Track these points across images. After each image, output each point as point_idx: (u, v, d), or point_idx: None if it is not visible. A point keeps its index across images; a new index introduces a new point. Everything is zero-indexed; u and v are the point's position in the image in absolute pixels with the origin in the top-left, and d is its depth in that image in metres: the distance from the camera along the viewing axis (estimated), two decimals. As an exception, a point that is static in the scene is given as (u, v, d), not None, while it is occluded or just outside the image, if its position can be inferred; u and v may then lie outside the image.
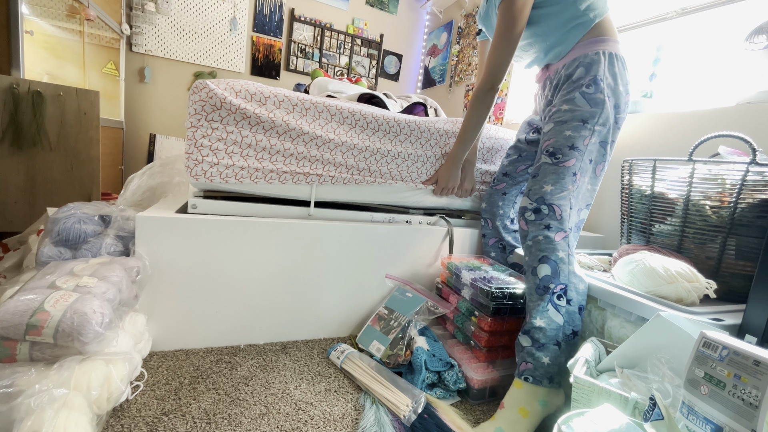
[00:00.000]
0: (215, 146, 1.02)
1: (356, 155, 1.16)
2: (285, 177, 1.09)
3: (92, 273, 0.82)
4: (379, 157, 1.19)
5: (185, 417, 0.78)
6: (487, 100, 1.09)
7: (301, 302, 1.14)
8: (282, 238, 1.08)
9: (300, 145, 1.10)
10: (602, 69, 0.96)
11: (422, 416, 0.84)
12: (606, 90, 0.95)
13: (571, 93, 0.97)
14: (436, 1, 3.46)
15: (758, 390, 0.45)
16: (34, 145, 1.64)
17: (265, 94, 1.06)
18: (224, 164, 1.03)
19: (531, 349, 0.86)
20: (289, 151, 1.09)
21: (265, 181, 1.07)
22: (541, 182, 0.94)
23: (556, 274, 0.87)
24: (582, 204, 1.00)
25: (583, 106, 0.95)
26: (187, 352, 1.02)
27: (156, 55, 2.88)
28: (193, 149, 1.00)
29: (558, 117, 0.98)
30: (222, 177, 1.03)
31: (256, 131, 1.05)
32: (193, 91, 0.99)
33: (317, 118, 1.12)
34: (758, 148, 0.85)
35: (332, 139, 1.12)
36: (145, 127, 2.98)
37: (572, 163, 0.93)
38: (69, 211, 0.98)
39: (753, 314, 0.68)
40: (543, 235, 0.91)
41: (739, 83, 1.35)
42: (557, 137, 0.96)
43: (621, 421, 0.53)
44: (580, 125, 0.94)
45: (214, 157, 1.02)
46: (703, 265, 0.90)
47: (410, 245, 1.25)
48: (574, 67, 0.99)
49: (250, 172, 1.06)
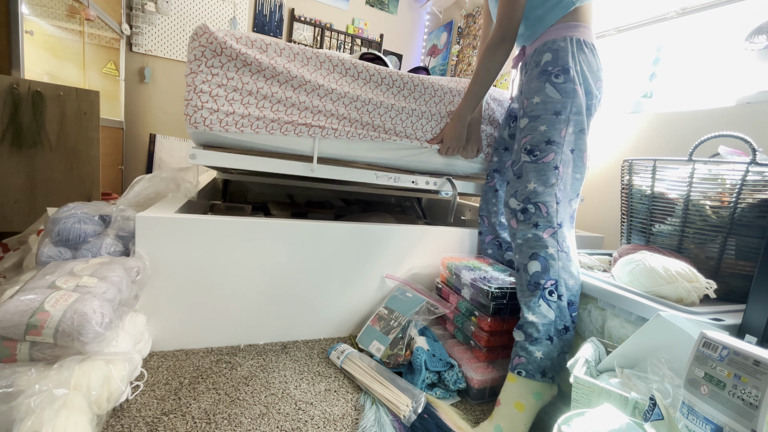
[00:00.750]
0: (215, 92, 0.98)
1: (359, 108, 1.13)
2: (287, 128, 1.06)
3: (92, 273, 0.82)
4: (382, 111, 1.16)
5: (185, 417, 0.78)
6: (498, 54, 1.04)
7: (301, 302, 1.14)
8: (282, 238, 1.08)
9: (302, 94, 1.07)
10: (569, 57, 0.96)
11: (422, 416, 0.84)
12: (575, 78, 0.96)
13: (542, 83, 0.98)
14: (436, 1, 3.46)
15: (758, 390, 0.45)
16: (34, 145, 1.64)
17: (266, 42, 1.03)
18: (224, 111, 0.99)
19: (524, 343, 0.88)
20: (290, 101, 1.05)
21: (266, 131, 1.04)
22: (525, 182, 0.96)
23: (546, 270, 0.89)
24: (572, 194, 1.00)
25: (554, 97, 0.96)
26: (187, 352, 1.02)
27: (156, 55, 2.88)
28: (193, 95, 0.97)
29: (531, 111, 0.99)
30: (222, 125, 0.99)
31: (257, 79, 1.02)
32: (193, 38, 0.96)
33: (318, 68, 1.09)
34: (758, 148, 0.85)
35: (334, 90, 1.09)
36: (145, 127, 2.98)
37: (551, 158, 0.94)
38: (69, 211, 0.98)
39: (753, 314, 0.68)
40: (532, 233, 0.93)
41: (739, 83, 1.35)
42: (533, 133, 0.97)
43: (621, 421, 0.53)
44: (554, 118, 0.95)
45: (214, 103, 0.98)
46: (703, 265, 0.90)
47: (410, 245, 1.25)
48: (542, 52, 1.01)
49: (251, 120, 1.02)
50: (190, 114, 0.97)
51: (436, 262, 1.30)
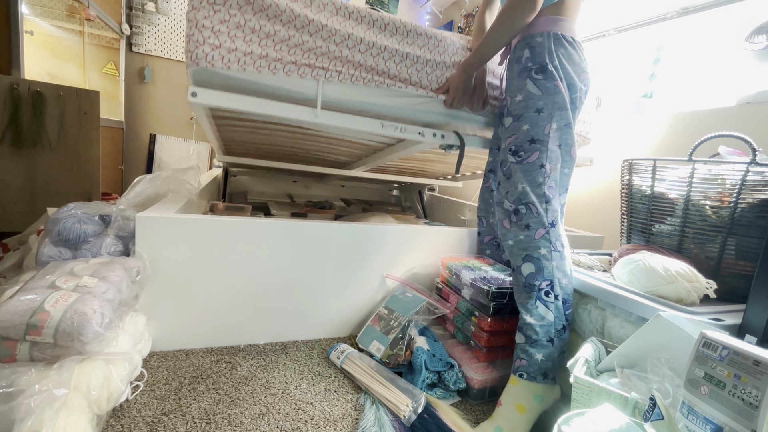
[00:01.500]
0: (217, 28, 0.96)
1: (363, 51, 1.11)
2: (290, 68, 1.03)
3: (92, 273, 0.82)
4: (387, 56, 1.13)
5: (185, 417, 0.78)
6: (523, 9, 0.96)
7: (301, 302, 1.14)
8: (282, 238, 1.08)
9: (305, 34, 1.05)
10: (546, 53, 0.96)
11: (422, 416, 0.84)
12: (555, 73, 0.95)
13: (523, 80, 0.98)
14: (436, 1, 3.46)
15: (758, 390, 0.45)
16: (34, 146, 1.64)
17: None
18: (227, 47, 0.97)
19: (524, 345, 0.88)
20: (293, 41, 1.03)
21: (269, 71, 1.01)
22: (514, 183, 0.96)
23: (540, 270, 0.89)
24: (562, 190, 1.00)
25: (536, 94, 0.96)
26: (187, 352, 1.02)
27: (156, 55, 2.88)
28: (194, 30, 0.94)
29: (514, 110, 0.99)
30: (224, 62, 0.97)
31: (260, 17, 1.00)
32: None
33: (322, 10, 1.08)
34: (758, 148, 0.85)
35: (338, 30, 1.07)
36: (145, 127, 2.98)
37: (536, 157, 0.94)
38: (69, 211, 0.98)
39: (753, 314, 0.68)
40: (524, 235, 0.93)
41: (739, 83, 1.35)
42: (516, 133, 0.97)
43: (621, 421, 0.53)
44: (536, 116, 0.95)
45: (216, 39, 0.96)
46: (703, 265, 0.90)
47: (410, 245, 1.25)
48: (522, 48, 1.00)
49: (254, 59, 1.00)
50: (192, 50, 0.94)
51: (436, 262, 1.30)
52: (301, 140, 1.57)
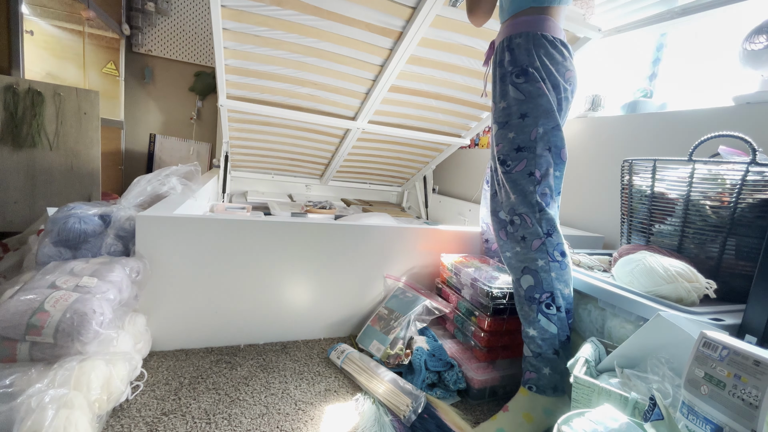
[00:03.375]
0: None
1: None
2: None
3: (92, 273, 0.82)
4: None
5: (185, 417, 0.78)
6: None
7: (301, 302, 1.14)
8: (282, 238, 1.08)
9: None
10: (526, 55, 0.91)
11: (422, 416, 0.84)
12: (537, 74, 0.90)
13: (505, 86, 0.94)
14: (436, 1, 3.45)
15: (758, 390, 0.45)
16: (34, 145, 1.64)
17: None
18: None
19: (531, 358, 0.87)
20: None
21: None
22: (507, 194, 0.93)
23: (539, 283, 0.86)
24: (554, 194, 0.96)
25: (518, 99, 0.91)
26: (187, 352, 1.02)
27: (156, 55, 2.88)
28: None
29: (499, 118, 0.95)
30: None
31: None
32: None
33: None
34: (758, 148, 0.85)
35: None
36: (145, 127, 2.98)
37: (524, 165, 0.90)
38: (69, 211, 0.98)
39: (753, 314, 0.68)
40: (520, 247, 0.89)
41: (739, 83, 1.35)
42: (503, 142, 0.93)
43: (621, 421, 0.53)
44: (520, 122, 0.91)
45: None
46: (703, 265, 0.90)
47: (410, 245, 1.25)
48: (502, 50, 0.96)
49: None
50: None
51: (436, 262, 1.30)
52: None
